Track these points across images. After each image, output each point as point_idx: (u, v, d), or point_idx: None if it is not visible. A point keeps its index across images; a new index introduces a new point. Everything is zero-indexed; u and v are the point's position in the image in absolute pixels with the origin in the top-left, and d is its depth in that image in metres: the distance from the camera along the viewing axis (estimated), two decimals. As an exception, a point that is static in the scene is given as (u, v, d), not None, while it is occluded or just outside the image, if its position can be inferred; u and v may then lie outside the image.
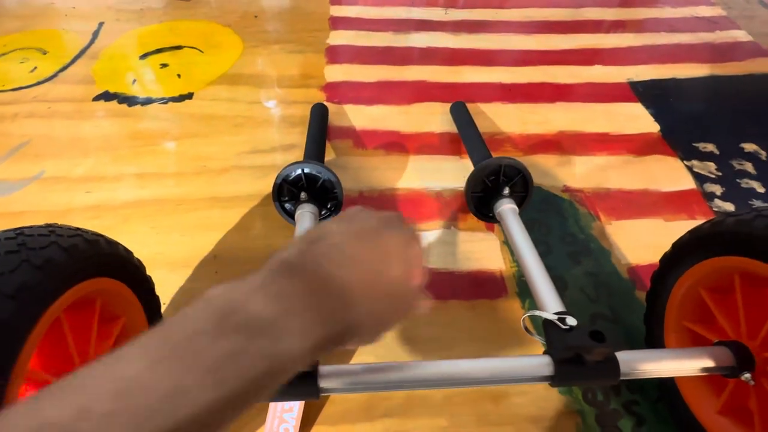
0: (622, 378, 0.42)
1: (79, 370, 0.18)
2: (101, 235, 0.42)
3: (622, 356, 0.42)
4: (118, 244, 0.44)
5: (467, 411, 0.54)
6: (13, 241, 0.34)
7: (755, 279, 0.44)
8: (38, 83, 0.98)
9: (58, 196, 0.76)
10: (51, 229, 0.37)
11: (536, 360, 0.42)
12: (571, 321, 0.43)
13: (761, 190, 0.81)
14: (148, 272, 0.51)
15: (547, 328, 0.45)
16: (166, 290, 0.64)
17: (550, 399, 0.56)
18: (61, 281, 0.35)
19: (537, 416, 0.54)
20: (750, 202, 0.79)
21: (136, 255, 0.49)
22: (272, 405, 0.51)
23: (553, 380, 0.41)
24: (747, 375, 0.42)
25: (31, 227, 0.37)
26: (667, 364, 0.43)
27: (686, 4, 1.31)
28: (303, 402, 0.51)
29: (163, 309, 0.61)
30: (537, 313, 0.45)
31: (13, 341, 0.30)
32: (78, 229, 0.40)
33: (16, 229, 0.36)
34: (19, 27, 1.15)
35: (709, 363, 0.43)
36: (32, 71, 1.00)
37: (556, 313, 0.45)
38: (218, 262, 0.68)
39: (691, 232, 0.50)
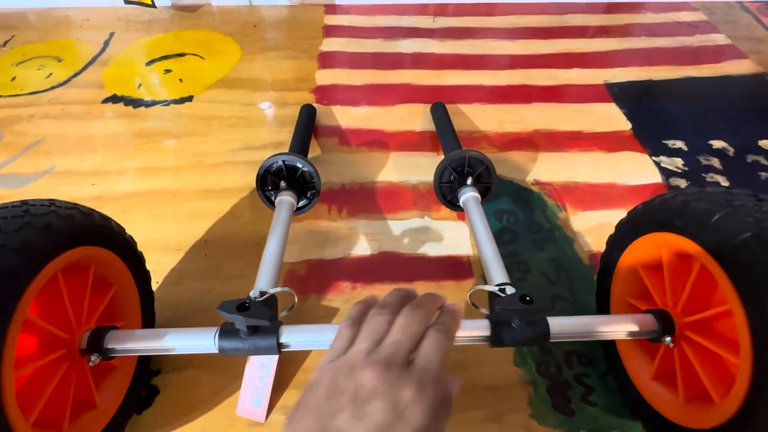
0: (552, 340, 0.46)
1: None
2: (95, 211, 0.48)
3: (553, 321, 0.47)
4: (111, 219, 0.51)
5: (428, 380, 0.59)
6: (18, 208, 0.40)
7: (678, 252, 0.48)
8: (53, 88, 1.06)
9: (66, 188, 0.83)
10: (51, 202, 0.44)
11: (476, 323, 0.47)
12: (510, 290, 0.48)
13: (726, 184, 0.85)
14: (145, 255, 0.58)
15: (490, 298, 0.50)
16: (160, 270, 0.70)
17: (505, 370, 0.60)
18: (57, 243, 0.41)
19: (493, 385, 0.59)
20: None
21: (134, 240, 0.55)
22: (248, 368, 0.56)
23: (490, 341, 0.46)
24: (668, 338, 0.47)
25: (35, 200, 0.43)
26: (596, 328, 0.48)
27: (669, 10, 1.36)
28: (275, 365, 0.56)
29: (155, 287, 0.68)
30: (481, 287, 0.50)
31: (16, 286, 0.36)
32: (76, 204, 0.47)
33: (22, 201, 0.42)
34: (39, 38, 1.24)
35: (635, 327, 0.48)
36: (48, 77, 1.09)
37: (497, 285, 0.50)
38: (208, 247, 0.74)
39: (629, 213, 0.55)
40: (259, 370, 0.56)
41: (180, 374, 0.59)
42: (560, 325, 0.46)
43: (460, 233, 0.76)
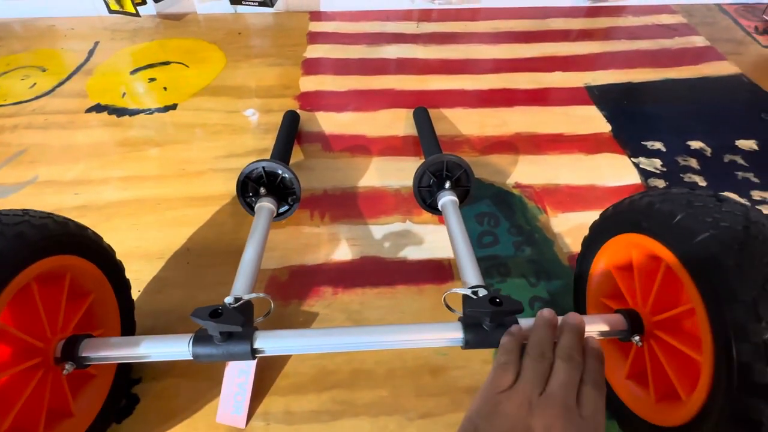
0: (525, 340, 0.47)
1: None
2: (70, 220, 0.49)
3: (524, 321, 0.47)
4: (87, 228, 0.51)
5: (407, 383, 0.60)
6: (-10, 219, 0.40)
7: (646, 253, 0.49)
8: (36, 98, 1.06)
9: (49, 198, 0.83)
10: (25, 211, 0.44)
11: (449, 325, 0.48)
12: (482, 292, 0.49)
13: (703, 184, 0.86)
14: (126, 264, 0.58)
15: (464, 300, 0.50)
16: (141, 278, 0.70)
17: (485, 372, 0.61)
18: (29, 252, 0.41)
19: (472, 387, 0.59)
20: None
21: (116, 249, 0.56)
22: (227, 375, 0.57)
23: (463, 342, 0.47)
24: (636, 337, 0.48)
25: (9, 210, 0.44)
26: (567, 328, 0.48)
27: (649, 13, 1.38)
28: (254, 371, 0.56)
29: (136, 295, 0.68)
30: (455, 290, 0.51)
31: (-16, 296, 0.36)
32: (50, 213, 0.47)
33: (-5, 211, 0.43)
34: (23, 47, 1.24)
35: (605, 327, 0.48)
36: (32, 87, 1.09)
37: (470, 287, 0.50)
38: (190, 254, 0.74)
39: (601, 215, 0.56)
40: (238, 376, 0.56)
41: (160, 383, 0.59)
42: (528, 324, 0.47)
43: (441, 237, 0.77)
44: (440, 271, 0.72)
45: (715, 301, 0.38)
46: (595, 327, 0.48)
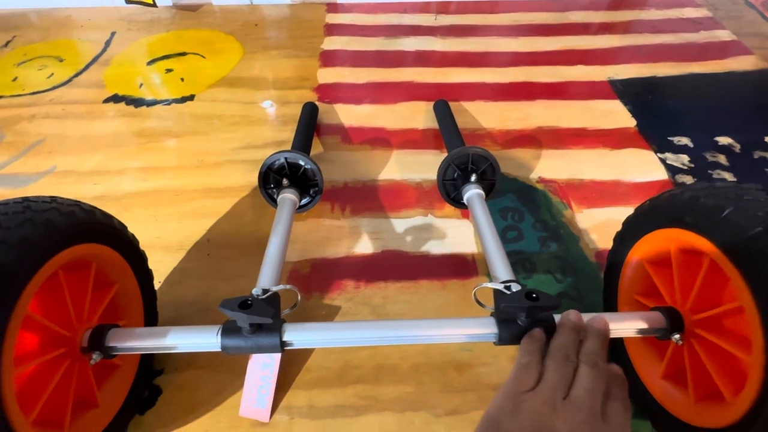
0: (559, 337, 0.45)
1: None
2: (97, 208, 0.48)
3: (559, 317, 0.46)
4: (113, 217, 0.50)
5: (433, 379, 0.58)
6: (20, 204, 0.40)
7: (687, 248, 0.47)
8: (54, 88, 1.06)
9: (67, 187, 0.83)
10: (53, 198, 0.43)
11: (482, 321, 0.46)
12: (516, 287, 0.48)
13: (733, 180, 0.84)
14: (147, 254, 0.57)
15: (495, 295, 0.49)
16: (162, 269, 0.69)
17: (511, 369, 0.59)
18: (58, 240, 0.40)
19: (498, 384, 0.58)
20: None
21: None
22: (251, 368, 0.56)
23: (497, 338, 0.45)
24: (676, 336, 0.46)
25: (37, 196, 0.43)
26: (604, 325, 0.47)
27: (672, 6, 1.35)
28: (278, 364, 0.55)
29: (157, 287, 0.67)
30: (486, 284, 0.50)
31: (16, 282, 0.36)
32: (77, 201, 0.46)
33: (23, 197, 0.42)
34: (40, 37, 1.24)
35: (643, 325, 0.47)
36: (49, 77, 1.09)
37: (502, 282, 0.49)
38: (210, 246, 0.73)
39: (636, 209, 0.54)
40: (262, 369, 0.56)
41: (182, 374, 0.59)
42: (567, 322, 0.46)
43: (464, 231, 0.75)
44: (464, 266, 0.70)
45: (767, 299, 0.36)
46: (632, 324, 0.47)
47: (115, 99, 1.03)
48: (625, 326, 0.47)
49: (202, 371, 0.59)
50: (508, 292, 0.47)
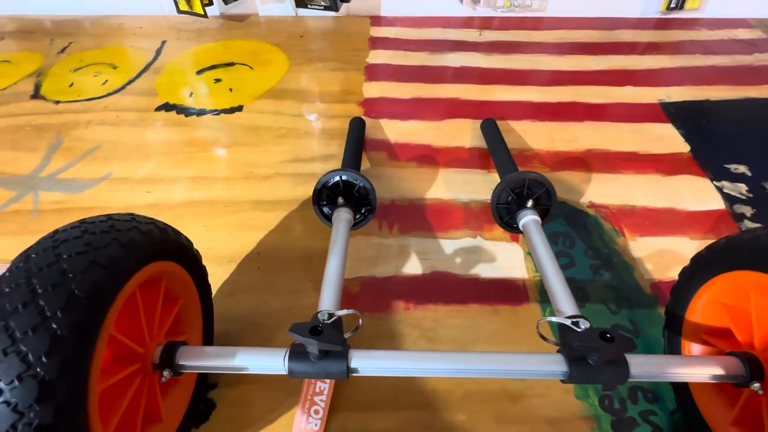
0: (631, 380, 0.44)
1: None
2: (169, 226, 0.49)
3: (632, 359, 0.45)
4: (182, 234, 0.51)
5: (486, 408, 0.58)
6: (105, 224, 0.41)
7: (768, 293, 0.45)
8: (108, 94, 1.09)
9: (122, 195, 0.85)
10: (132, 217, 0.44)
11: (551, 357, 0.45)
12: (584, 324, 0.46)
13: (794, 213, 0.81)
14: (200, 265, 0.58)
15: (561, 330, 0.48)
16: (213, 281, 0.70)
17: (566, 402, 0.58)
18: (139, 258, 0.41)
19: (553, 418, 0.57)
20: (781, 224, 0.78)
21: (191, 248, 0.56)
22: (305, 388, 0.56)
23: (566, 377, 0.44)
24: (756, 384, 0.44)
25: (117, 214, 0.44)
26: (678, 369, 0.45)
27: (724, 27, 1.31)
28: (332, 387, 0.55)
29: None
30: (551, 318, 0.49)
31: (105, 301, 0.36)
32: (153, 219, 0.47)
33: (107, 215, 0.43)
34: (95, 44, 1.28)
35: (719, 371, 0.45)
36: (104, 84, 1.12)
37: (569, 317, 0.48)
38: (260, 259, 0.74)
39: (709, 247, 0.52)
40: (317, 389, 0.56)
41: (235, 389, 0.59)
42: (640, 364, 0.44)
43: (514, 255, 0.74)
44: (515, 292, 0.69)
45: None
46: (707, 370, 0.45)
47: (167, 107, 1.05)
48: (700, 371, 0.45)
49: (255, 387, 0.59)
50: (578, 329, 0.46)
